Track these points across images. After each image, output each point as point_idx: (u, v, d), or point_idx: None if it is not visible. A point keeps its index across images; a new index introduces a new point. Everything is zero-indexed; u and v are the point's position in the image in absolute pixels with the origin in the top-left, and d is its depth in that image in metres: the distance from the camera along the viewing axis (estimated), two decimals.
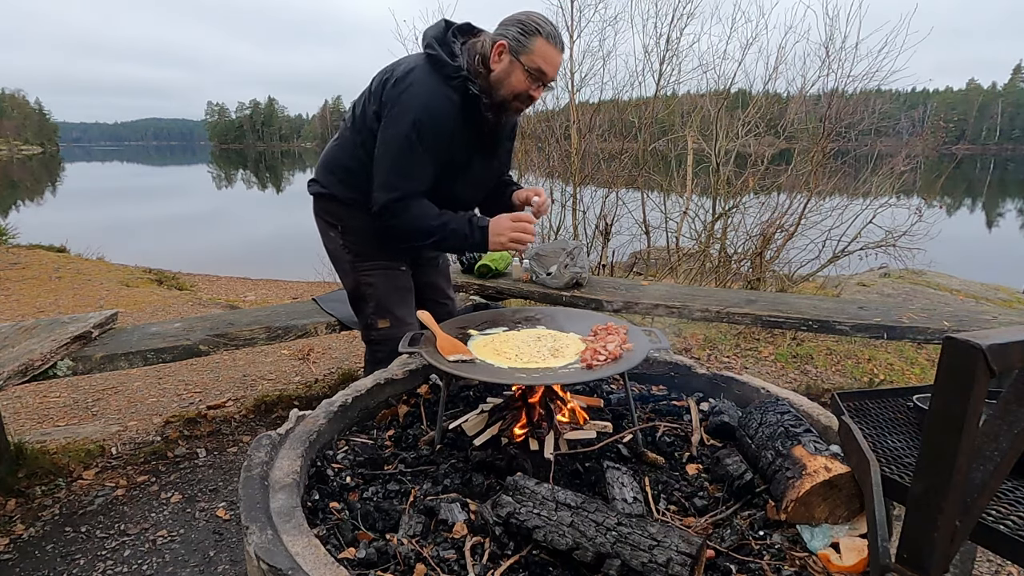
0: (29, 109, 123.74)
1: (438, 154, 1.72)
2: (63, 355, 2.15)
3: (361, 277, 1.98)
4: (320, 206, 2.01)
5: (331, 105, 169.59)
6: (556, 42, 1.66)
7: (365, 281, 1.98)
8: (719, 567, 1.08)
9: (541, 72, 1.66)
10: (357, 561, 1.08)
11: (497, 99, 1.71)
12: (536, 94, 1.71)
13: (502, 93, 1.70)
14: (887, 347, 3.83)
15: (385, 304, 1.99)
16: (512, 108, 1.74)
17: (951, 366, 0.71)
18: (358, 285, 1.99)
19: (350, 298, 2.07)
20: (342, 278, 2.06)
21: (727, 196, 5.62)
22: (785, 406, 1.44)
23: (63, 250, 8.30)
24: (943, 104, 68.26)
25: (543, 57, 1.65)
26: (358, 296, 2.02)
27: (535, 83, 1.68)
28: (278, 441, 1.38)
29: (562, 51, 1.70)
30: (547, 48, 1.64)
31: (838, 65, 5.24)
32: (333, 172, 1.94)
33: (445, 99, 1.67)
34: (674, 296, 2.96)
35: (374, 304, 1.99)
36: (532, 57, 1.64)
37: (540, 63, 1.65)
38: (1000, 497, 0.97)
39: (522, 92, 1.69)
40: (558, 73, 1.73)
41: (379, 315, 2.00)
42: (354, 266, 1.98)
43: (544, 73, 1.67)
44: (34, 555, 1.91)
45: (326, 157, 1.99)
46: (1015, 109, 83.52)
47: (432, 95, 1.67)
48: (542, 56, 1.65)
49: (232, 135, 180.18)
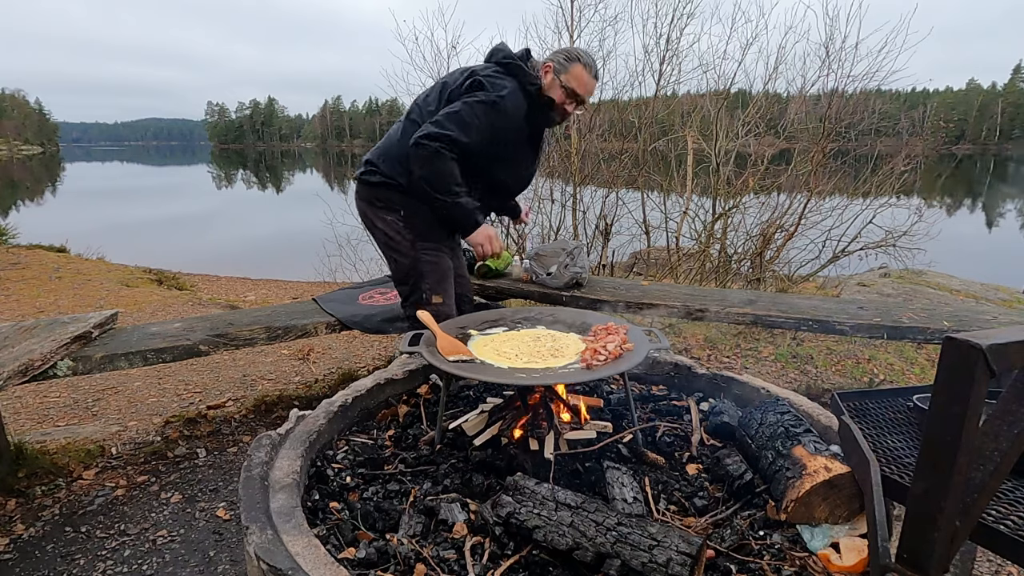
0: (29, 109, 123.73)
1: (500, 135, 2.02)
2: (63, 355, 2.15)
3: (422, 255, 2.21)
4: (377, 193, 2.22)
5: (331, 105, 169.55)
6: (592, 70, 2.08)
7: (425, 259, 2.21)
8: (719, 567, 1.08)
9: (575, 93, 2.07)
10: (357, 561, 1.08)
11: (545, 107, 2.09)
12: (569, 109, 2.11)
13: (546, 102, 2.08)
14: (887, 347, 3.82)
15: (440, 282, 2.23)
16: (551, 117, 2.15)
17: (951, 366, 0.71)
18: (417, 263, 2.21)
19: (403, 277, 2.26)
20: (397, 258, 2.25)
21: (727, 196, 5.62)
22: (785, 406, 1.44)
23: (63, 250, 8.29)
24: (943, 104, 68.19)
25: (578, 80, 2.06)
26: (416, 274, 2.22)
27: (569, 100, 2.08)
28: (278, 441, 1.38)
29: (597, 78, 2.11)
30: (583, 74, 2.06)
31: (838, 65, 5.24)
32: (401, 163, 2.14)
33: (523, 98, 2.04)
34: (674, 296, 2.96)
35: (432, 281, 2.22)
36: (570, 78, 2.05)
37: (575, 84, 2.06)
38: (1000, 497, 0.97)
39: (560, 105, 2.08)
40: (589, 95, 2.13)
41: (435, 291, 2.22)
42: (415, 246, 2.21)
43: (577, 93, 2.07)
44: (34, 555, 1.91)
45: (390, 149, 2.20)
46: (1015, 109, 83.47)
47: (516, 91, 2.03)
48: (577, 79, 2.06)
49: (232, 135, 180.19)
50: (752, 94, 5.81)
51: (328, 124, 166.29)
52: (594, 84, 2.11)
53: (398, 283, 2.32)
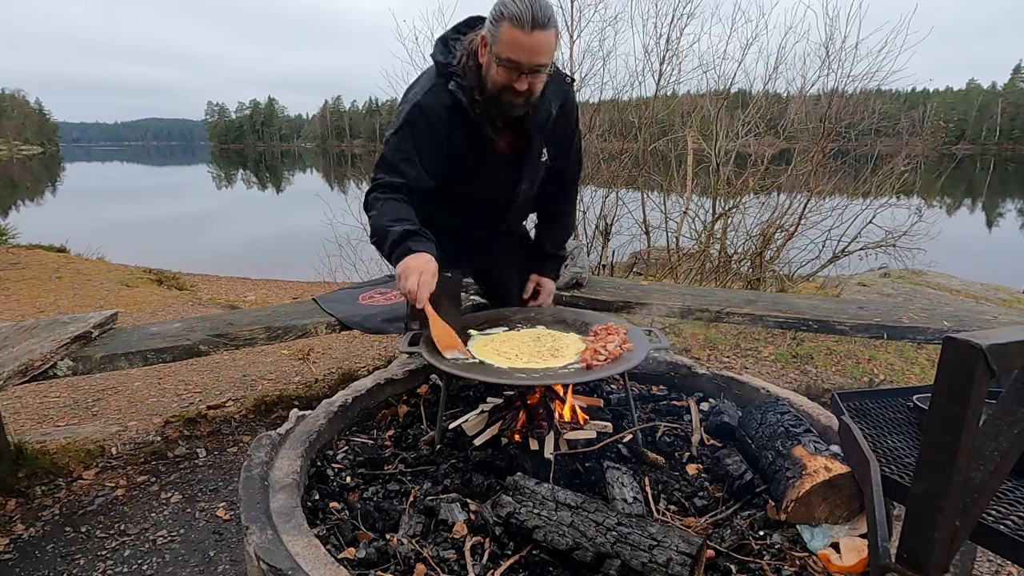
0: (29, 109, 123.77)
1: (431, 150, 1.63)
2: (63, 355, 2.15)
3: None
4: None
5: (331, 105, 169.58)
6: (523, 24, 1.42)
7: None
8: (719, 567, 1.08)
9: (511, 61, 1.47)
10: (357, 561, 1.08)
11: (488, 95, 1.58)
12: (520, 86, 1.51)
13: (489, 88, 1.57)
14: (887, 347, 3.82)
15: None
16: (504, 103, 1.57)
17: (951, 366, 0.71)
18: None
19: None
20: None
21: (727, 196, 5.62)
22: (785, 406, 1.44)
23: (63, 250, 8.29)
24: (943, 104, 68.18)
25: (509, 44, 1.45)
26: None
27: (513, 73, 1.49)
28: (278, 441, 1.38)
29: (538, 29, 1.44)
30: (513, 33, 1.43)
31: (838, 65, 5.24)
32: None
33: (435, 96, 1.59)
34: (674, 296, 2.96)
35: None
36: (500, 46, 1.47)
37: (507, 51, 1.46)
38: (1000, 497, 0.97)
39: (505, 85, 1.52)
40: (550, 55, 1.51)
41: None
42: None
43: (515, 62, 1.47)
44: (34, 555, 1.91)
45: None
46: (1015, 109, 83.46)
47: (425, 92, 1.61)
48: (508, 43, 1.45)
49: (232, 135, 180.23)
50: (752, 94, 5.82)
51: (328, 124, 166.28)
52: (535, 39, 1.45)
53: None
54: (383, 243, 1.55)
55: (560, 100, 1.72)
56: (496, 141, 1.67)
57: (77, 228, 10.73)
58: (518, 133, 1.70)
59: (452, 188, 1.70)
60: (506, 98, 1.56)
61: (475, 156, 1.68)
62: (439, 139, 1.62)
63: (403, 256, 1.48)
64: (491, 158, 1.70)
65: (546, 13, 1.44)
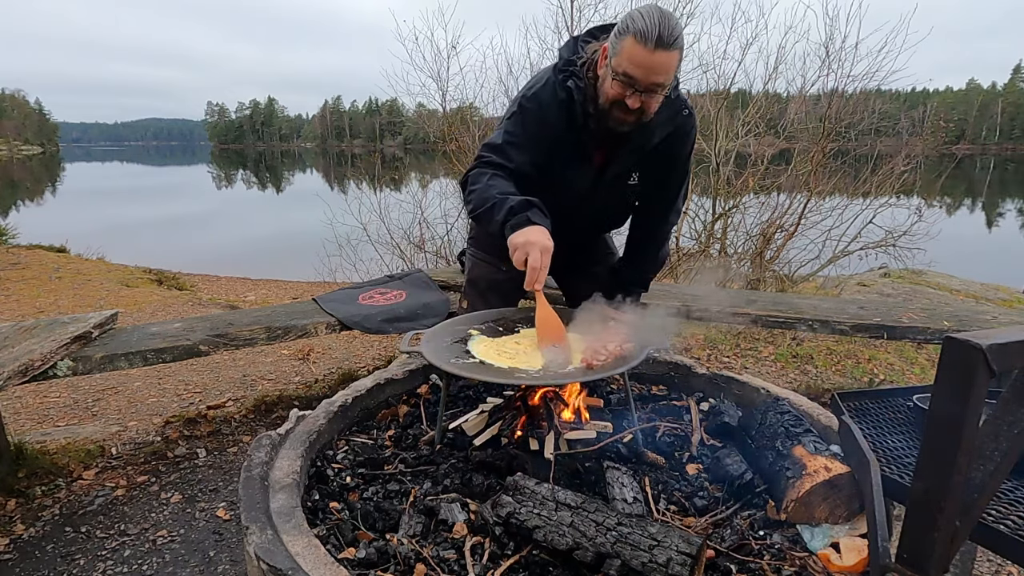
0: (29, 109, 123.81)
1: (536, 141, 1.62)
2: (63, 355, 2.15)
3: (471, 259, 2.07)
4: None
5: (331, 105, 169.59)
6: (647, 40, 1.38)
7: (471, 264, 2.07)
8: (719, 567, 1.08)
9: (628, 76, 1.43)
10: (357, 561, 1.08)
11: (600, 107, 1.55)
12: (632, 103, 1.47)
13: (601, 101, 1.54)
14: (887, 347, 3.83)
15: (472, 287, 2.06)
16: (614, 118, 1.53)
17: (951, 366, 0.71)
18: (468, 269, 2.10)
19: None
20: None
21: (727, 196, 5.63)
22: (785, 406, 1.44)
23: (63, 250, 8.30)
24: (943, 104, 68.13)
25: (629, 59, 1.42)
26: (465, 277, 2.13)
27: (627, 89, 1.46)
28: (278, 441, 1.38)
29: (661, 49, 1.39)
30: (635, 49, 1.40)
31: (838, 65, 5.25)
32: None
33: (550, 90, 1.60)
34: (674, 296, 2.96)
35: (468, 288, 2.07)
36: (620, 59, 1.44)
37: (625, 66, 1.43)
38: (1000, 497, 0.97)
39: (617, 100, 1.49)
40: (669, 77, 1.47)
41: (466, 296, 2.08)
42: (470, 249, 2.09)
43: (631, 77, 1.43)
44: (34, 555, 1.91)
45: None
46: (1015, 109, 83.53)
47: (543, 84, 1.62)
48: (628, 58, 1.42)
49: (232, 135, 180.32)
50: (752, 94, 5.82)
51: (328, 124, 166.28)
52: (656, 58, 1.40)
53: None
54: (496, 210, 1.50)
55: (668, 128, 1.65)
56: (589, 147, 1.66)
57: (77, 228, 10.74)
58: (613, 148, 1.67)
59: (533, 182, 1.64)
60: (616, 113, 1.52)
61: (564, 156, 1.67)
62: (544, 132, 1.62)
63: (521, 226, 1.44)
64: (577, 163, 1.69)
65: (673, 33, 1.40)
